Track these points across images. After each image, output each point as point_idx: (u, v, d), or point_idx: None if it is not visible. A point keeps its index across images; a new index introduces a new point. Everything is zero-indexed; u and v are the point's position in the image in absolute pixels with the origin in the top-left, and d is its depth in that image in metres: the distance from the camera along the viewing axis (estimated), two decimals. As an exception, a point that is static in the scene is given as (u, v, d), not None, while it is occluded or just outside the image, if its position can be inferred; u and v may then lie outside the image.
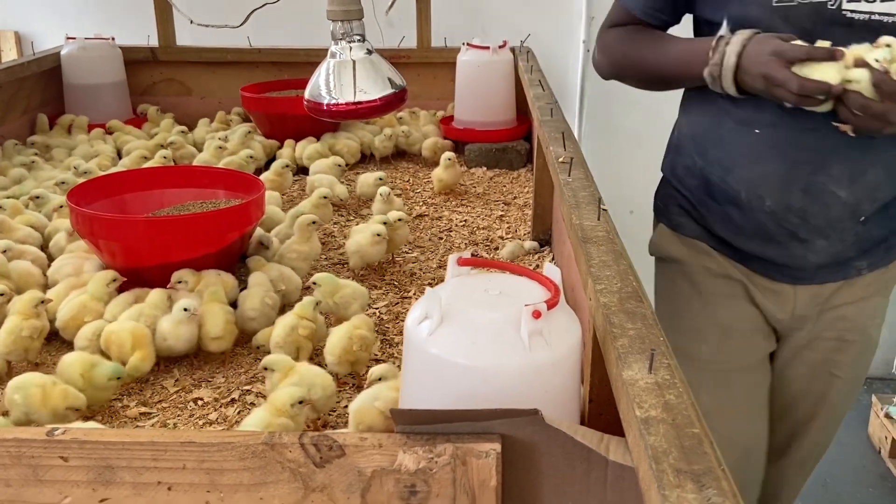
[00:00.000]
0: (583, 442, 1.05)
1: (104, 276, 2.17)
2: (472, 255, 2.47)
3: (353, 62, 1.87)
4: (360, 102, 1.87)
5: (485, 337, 1.18)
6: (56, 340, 2.14)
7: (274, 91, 4.24)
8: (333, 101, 1.89)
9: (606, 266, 1.40)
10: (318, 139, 3.83)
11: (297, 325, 1.97)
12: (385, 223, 2.53)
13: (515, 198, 3.34)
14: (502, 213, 3.17)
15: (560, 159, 1.97)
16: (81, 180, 3.04)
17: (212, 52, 4.45)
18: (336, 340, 1.94)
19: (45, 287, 2.32)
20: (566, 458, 1.09)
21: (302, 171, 3.67)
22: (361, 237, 2.52)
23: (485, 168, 3.70)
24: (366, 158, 3.92)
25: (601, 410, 1.36)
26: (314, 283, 2.18)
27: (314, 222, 2.48)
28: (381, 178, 2.88)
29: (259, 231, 2.58)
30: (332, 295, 2.18)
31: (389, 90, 1.90)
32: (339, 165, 3.45)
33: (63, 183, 3.14)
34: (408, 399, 1.30)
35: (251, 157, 3.36)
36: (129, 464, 1.07)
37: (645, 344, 1.14)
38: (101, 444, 1.06)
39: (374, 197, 3.03)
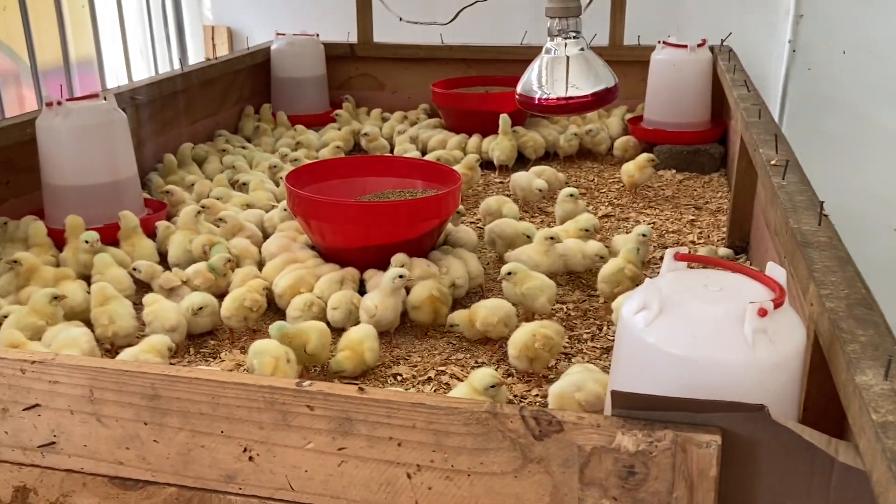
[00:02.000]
0: (811, 441, 1.04)
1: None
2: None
3: (567, 58, 1.91)
4: (571, 97, 1.91)
5: (705, 330, 1.19)
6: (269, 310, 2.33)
7: (462, 87, 4.38)
8: (545, 96, 1.94)
9: (831, 272, 1.36)
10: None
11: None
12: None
13: (707, 202, 3.27)
14: (693, 217, 3.11)
15: (773, 162, 1.92)
16: (289, 166, 3.29)
17: (406, 48, 4.65)
18: (520, 336, 1.99)
19: (260, 261, 2.55)
20: (788, 458, 1.08)
21: (488, 165, 3.77)
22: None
23: (674, 170, 3.64)
24: (549, 156, 3.96)
25: (816, 419, 1.33)
26: (508, 274, 2.24)
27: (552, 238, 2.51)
28: (572, 195, 2.89)
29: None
30: (521, 284, 2.23)
31: (601, 86, 1.92)
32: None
33: (274, 167, 3.41)
34: (618, 386, 1.32)
35: (477, 160, 3.44)
36: (365, 418, 1.17)
37: (878, 351, 1.11)
38: (342, 398, 1.17)
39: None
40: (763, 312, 1.15)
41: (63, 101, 2.53)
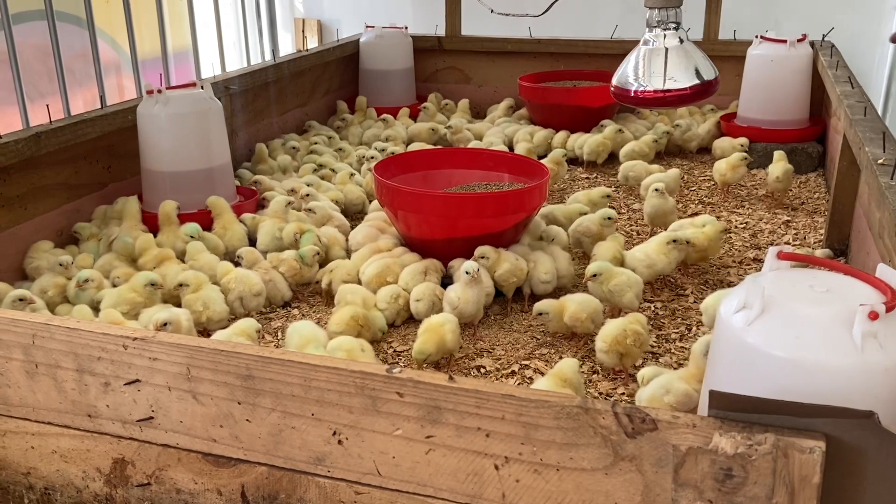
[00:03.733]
0: (925, 453, 0.99)
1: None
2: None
3: (666, 50, 1.86)
4: (668, 90, 1.86)
5: (810, 332, 1.14)
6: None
7: (549, 81, 4.33)
8: (641, 88, 1.90)
9: (946, 275, 1.29)
10: (588, 131, 3.86)
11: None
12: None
13: (803, 203, 3.14)
14: (789, 218, 2.99)
15: (880, 161, 1.83)
16: (379, 156, 3.32)
17: (493, 41, 4.63)
18: (610, 330, 1.96)
19: (347, 250, 2.58)
20: (898, 469, 1.02)
21: (573, 160, 3.72)
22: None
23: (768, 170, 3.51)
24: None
25: (926, 430, 1.26)
26: (594, 276, 2.21)
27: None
28: (658, 189, 2.80)
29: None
30: (608, 282, 2.20)
31: (700, 80, 1.87)
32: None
33: (363, 157, 3.45)
34: (715, 387, 1.28)
35: (564, 156, 3.39)
36: (454, 407, 1.16)
37: None
38: (431, 386, 1.17)
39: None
40: (874, 315, 1.09)
41: (163, 90, 2.61)
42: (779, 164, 3.06)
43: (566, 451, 1.14)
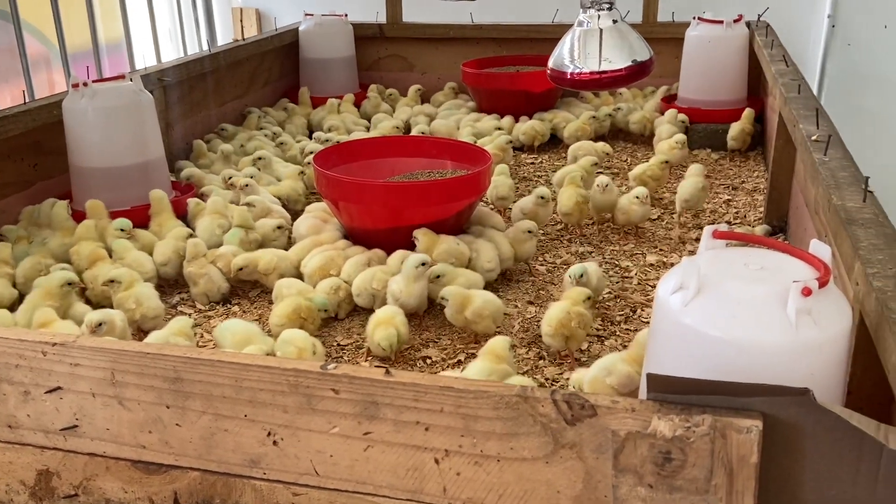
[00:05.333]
0: (858, 427, 0.99)
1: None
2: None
3: (601, 31, 1.85)
4: (604, 72, 1.85)
5: (745, 311, 1.13)
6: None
7: (492, 67, 4.31)
8: (577, 70, 1.88)
9: (877, 249, 1.30)
10: (531, 116, 3.85)
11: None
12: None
13: (744, 182, 3.18)
14: (729, 197, 3.03)
15: (814, 137, 1.84)
16: (319, 147, 3.26)
17: (435, 28, 4.58)
18: (554, 313, 1.95)
19: (288, 241, 2.53)
20: (835, 444, 1.02)
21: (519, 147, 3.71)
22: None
23: (709, 150, 3.55)
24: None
25: (861, 403, 1.28)
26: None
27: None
28: (637, 197, 2.65)
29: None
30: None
31: (636, 60, 1.86)
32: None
33: (301, 151, 3.38)
34: (654, 369, 1.27)
35: (508, 142, 3.37)
36: (392, 402, 1.13)
37: (931, 332, 1.05)
38: (368, 381, 1.13)
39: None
40: (807, 292, 1.09)
41: (89, 83, 2.52)
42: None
43: (506, 442, 1.12)
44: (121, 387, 1.20)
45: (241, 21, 5.82)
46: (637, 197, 2.60)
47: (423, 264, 2.10)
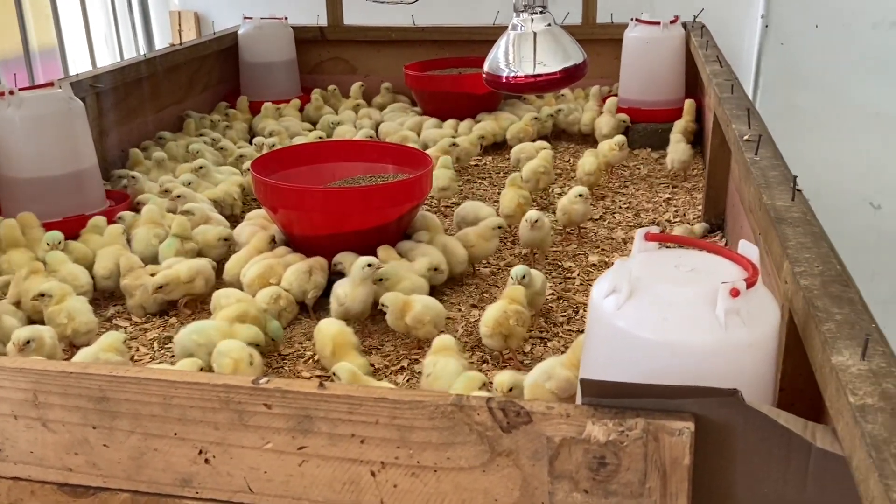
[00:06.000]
0: (786, 426, 1.00)
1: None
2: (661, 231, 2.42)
3: (534, 34, 1.85)
4: (539, 75, 1.85)
5: (676, 313, 1.14)
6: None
7: (436, 69, 4.31)
8: (512, 74, 1.89)
9: (805, 248, 1.32)
10: (474, 117, 3.86)
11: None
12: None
13: (684, 180, 3.23)
14: (669, 195, 3.07)
15: (745, 137, 1.88)
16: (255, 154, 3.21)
17: (377, 30, 4.56)
18: (491, 314, 1.94)
19: (228, 250, 2.48)
20: (764, 443, 1.04)
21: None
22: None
23: (650, 149, 3.59)
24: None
25: (792, 401, 1.30)
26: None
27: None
28: (580, 195, 2.62)
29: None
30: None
31: (570, 63, 1.87)
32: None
33: (241, 157, 3.33)
34: (590, 373, 1.28)
35: (452, 145, 3.33)
36: (326, 415, 1.12)
37: (855, 329, 1.07)
38: (301, 395, 1.12)
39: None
40: (735, 292, 1.10)
41: (15, 91, 2.44)
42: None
43: (443, 452, 1.11)
44: (44, 408, 1.16)
45: (180, 25, 5.71)
46: (580, 195, 2.61)
47: (370, 265, 2.08)
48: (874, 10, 4.54)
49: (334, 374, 1.72)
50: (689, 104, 3.42)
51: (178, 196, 2.65)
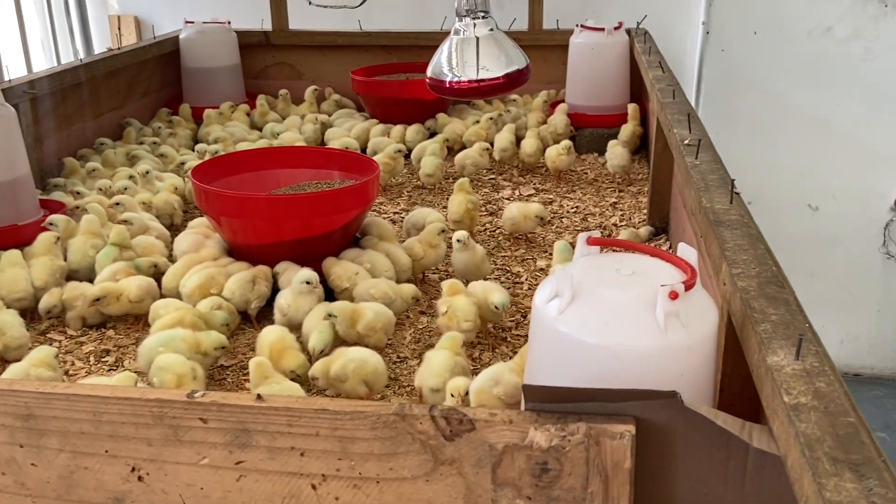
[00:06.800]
0: (724, 427, 1.01)
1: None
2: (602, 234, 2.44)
3: (477, 39, 1.85)
4: (482, 80, 1.85)
5: (617, 317, 1.15)
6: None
7: (383, 74, 4.28)
8: (456, 79, 1.88)
9: (742, 250, 1.34)
10: (423, 123, 3.84)
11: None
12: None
13: (629, 185, 3.26)
14: (615, 200, 3.10)
15: (686, 141, 1.90)
16: (196, 161, 3.15)
17: (323, 35, 4.52)
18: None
19: (169, 259, 2.43)
20: (703, 444, 1.04)
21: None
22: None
23: (596, 154, 3.62)
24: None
25: (732, 401, 1.31)
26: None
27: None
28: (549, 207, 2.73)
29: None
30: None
31: (512, 67, 1.87)
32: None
33: (183, 164, 3.27)
34: (533, 378, 1.28)
35: (399, 151, 3.27)
36: (264, 428, 1.09)
37: (790, 330, 1.08)
38: (238, 408, 1.09)
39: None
40: (674, 295, 1.11)
41: (-58, 98, 2.35)
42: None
43: (385, 462, 1.10)
44: (-33, 428, 1.11)
45: (119, 29, 5.58)
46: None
47: (308, 283, 2.05)
48: (809, 18, 4.67)
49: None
50: (632, 108, 3.46)
51: (117, 203, 2.58)
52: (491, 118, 3.66)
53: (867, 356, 5.10)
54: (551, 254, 2.66)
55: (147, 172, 2.96)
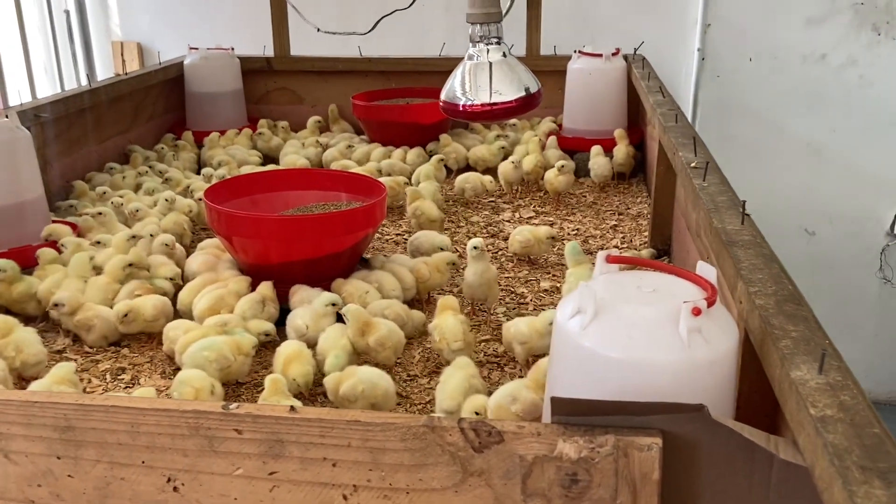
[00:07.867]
0: (751, 439, 1.04)
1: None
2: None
3: (490, 64, 1.90)
4: (495, 103, 1.90)
5: (640, 332, 1.18)
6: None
7: (383, 99, 4.34)
8: (469, 102, 1.93)
9: (757, 269, 1.38)
10: (425, 147, 3.89)
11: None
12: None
13: (629, 207, 3.31)
14: (616, 223, 3.14)
15: (692, 164, 1.95)
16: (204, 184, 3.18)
17: (324, 61, 4.58)
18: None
19: (182, 279, 2.45)
20: (728, 456, 1.07)
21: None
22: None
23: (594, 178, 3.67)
24: (471, 167, 3.95)
25: (748, 416, 1.34)
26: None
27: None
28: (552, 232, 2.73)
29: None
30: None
31: (525, 92, 1.92)
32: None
33: (188, 187, 3.30)
34: (557, 392, 1.30)
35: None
36: (297, 439, 1.11)
37: (810, 346, 1.12)
38: (272, 419, 1.11)
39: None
40: (697, 311, 1.15)
41: (-40, 120, 2.38)
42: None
43: (415, 473, 1.12)
44: (6, 439, 1.13)
45: (122, 55, 5.63)
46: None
47: (333, 305, 2.07)
48: (803, 45, 4.77)
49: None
50: (618, 133, 3.54)
51: (137, 210, 2.61)
52: (503, 147, 3.73)
53: (864, 381, 5.05)
54: (554, 274, 2.70)
55: (167, 200, 3.00)
